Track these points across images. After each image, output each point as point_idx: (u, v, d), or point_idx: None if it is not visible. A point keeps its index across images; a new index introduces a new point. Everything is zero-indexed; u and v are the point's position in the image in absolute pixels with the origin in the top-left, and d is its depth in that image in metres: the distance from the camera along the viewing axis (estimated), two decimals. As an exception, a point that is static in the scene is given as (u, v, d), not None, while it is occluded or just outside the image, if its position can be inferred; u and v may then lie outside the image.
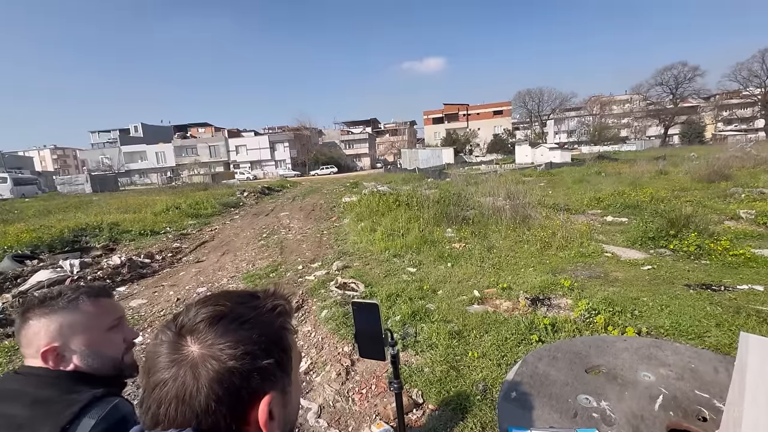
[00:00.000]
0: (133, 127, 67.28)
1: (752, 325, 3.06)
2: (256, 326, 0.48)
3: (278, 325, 0.51)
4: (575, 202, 10.66)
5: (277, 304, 0.53)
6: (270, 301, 0.53)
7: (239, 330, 0.47)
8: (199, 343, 0.46)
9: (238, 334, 0.46)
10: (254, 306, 0.51)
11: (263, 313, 0.51)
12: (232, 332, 0.46)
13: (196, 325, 0.47)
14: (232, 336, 0.46)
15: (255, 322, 0.49)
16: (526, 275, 4.85)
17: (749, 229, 6.63)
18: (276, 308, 0.52)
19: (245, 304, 0.51)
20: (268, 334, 0.49)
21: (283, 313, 0.53)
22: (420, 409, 2.51)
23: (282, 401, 0.50)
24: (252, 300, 0.52)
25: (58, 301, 0.88)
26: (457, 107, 70.05)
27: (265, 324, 0.50)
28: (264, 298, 0.54)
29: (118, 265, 6.71)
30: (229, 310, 0.48)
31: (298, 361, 0.57)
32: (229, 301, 0.50)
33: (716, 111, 60.71)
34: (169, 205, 14.05)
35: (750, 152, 17.49)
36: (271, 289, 0.57)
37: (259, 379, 0.46)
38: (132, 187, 41.60)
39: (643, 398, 1.23)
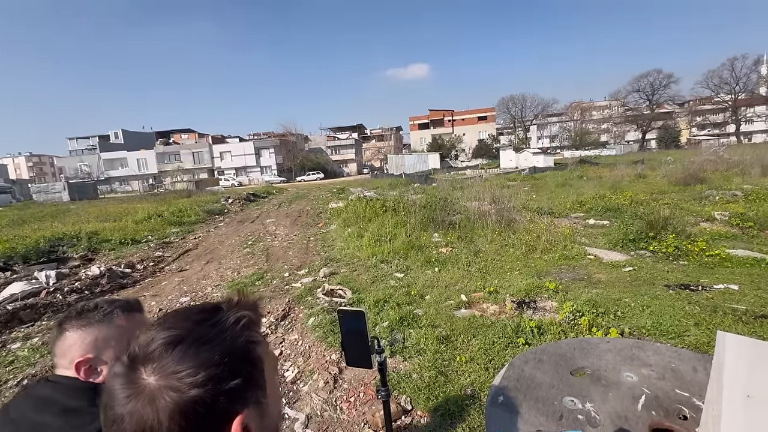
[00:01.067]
0: (113, 134, 65.63)
1: (728, 324, 3.16)
2: (219, 345, 0.45)
3: (244, 339, 0.48)
4: (558, 205, 10.86)
5: (241, 317, 0.49)
6: (233, 314, 0.49)
7: (199, 353, 0.43)
8: (156, 374, 0.42)
9: (198, 358, 0.43)
10: (215, 322, 0.47)
11: (226, 329, 0.47)
12: (191, 357, 0.43)
13: (150, 354, 0.43)
14: (191, 361, 0.42)
15: (217, 341, 0.45)
16: (512, 279, 4.90)
17: (723, 230, 6.87)
18: (240, 321, 0.48)
19: (205, 323, 0.47)
20: (233, 352, 0.45)
21: (248, 326, 0.49)
22: (409, 416, 2.49)
23: (258, 413, 0.47)
24: (213, 315, 0.48)
25: (94, 314, 0.91)
26: (442, 113, 70.80)
27: (229, 341, 0.46)
28: (227, 310, 0.50)
29: (97, 276, 6.51)
30: (186, 332, 0.45)
31: (274, 367, 0.55)
32: (186, 320, 0.47)
33: (690, 116, 63.03)
34: (150, 213, 13.74)
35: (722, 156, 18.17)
36: (234, 298, 0.53)
37: (227, 401, 0.43)
38: (112, 195, 40.52)
39: (626, 399, 1.25)
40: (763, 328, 3.06)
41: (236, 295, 0.54)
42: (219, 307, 0.50)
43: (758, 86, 52.34)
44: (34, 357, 3.83)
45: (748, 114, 55.54)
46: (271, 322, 4.18)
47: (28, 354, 3.93)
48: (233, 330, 0.47)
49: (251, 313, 0.51)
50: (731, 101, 53.47)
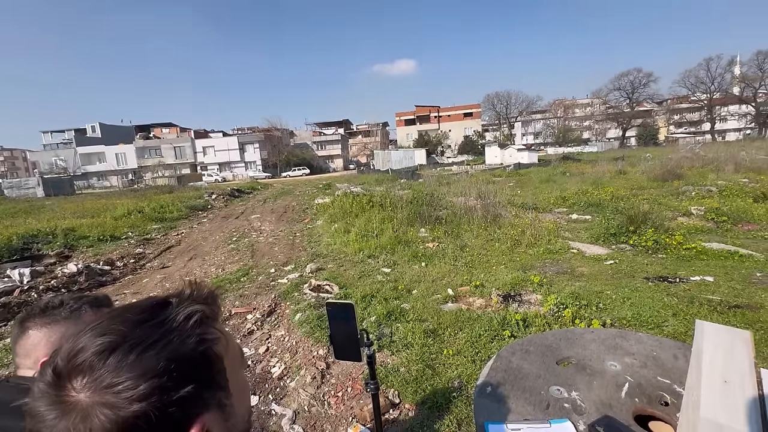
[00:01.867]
0: (90, 127, 63.46)
1: (705, 314, 3.27)
2: (164, 349, 0.38)
3: (196, 339, 0.41)
4: (542, 201, 11.05)
5: (192, 312, 0.43)
6: (183, 310, 0.43)
7: (140, 361, 0.37)
8: (87, 389, 0.36)
9: (139, 367, 0.36)
10: (160, 322, 0.41)
11: (173, 329, 0.41)
12: (130, 366, 0.36)
13: (79, 366, 0.36)
14: (130, 371, 0.36)
15: (161, 344, 0.39)
16: (498, 273, 4.96)
17: (699, 225, 7.11)
18: (191, 317, 0.42)
19: (148, 323, 0.40)
20: (183, 355, 0.39)
21: (201, 322, 0.43)
22: (397, 409, 2.50)
23: (221, 416, 0.43)
24: (159, 313, 0.42)
25: (60, 311, 0.85)
26: (428, 109, 70.97)
27: (177, 343, 0.40)
28: (177, 305, 0.44)
29: (74, 273, 6.30)
30: (122, 337, 0.38)
31: (238, 362, 0.50)
32: (123, 323, 0.40)
33: (668, 115, 64.94)
34: (130, 209, 13.36)
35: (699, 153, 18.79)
36: (186, 291, 0.47)
37: (179, 411, 0.38)
38: (90, 191, 39.23)
39: (610, 387, 1.28)
40: (736, 318, 3.18)
41: (188, 287, 0.48)
42: (167, 303, 0.44)
43: (732, 86, 54.20)
44: (7, 357, 3.69)
45: (722, 113, 57.55)
46: (257, 318, 4.13)
47: (0, 355, 3.78)
48: (182, 329, 0.41)
49: (205, 306, 0.45)
50: (707, 100, 55.29)
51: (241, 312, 4.36)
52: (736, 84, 53.59)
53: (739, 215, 7.39)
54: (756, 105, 51.85)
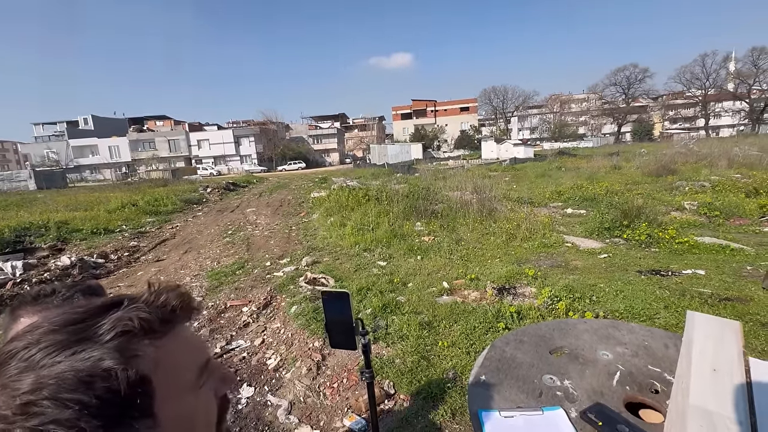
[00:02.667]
0: (83, 119, 62.51)
1: (695, 306, 3.32)
2: (63, 361, 0.34)
3: (104, 352, 0.36)
4: (538, 195, 11.10)
5: (118, 321, 0.38)
6: (113, 317, 0.38)
7: (38, 368, 0.34)
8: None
9: (34, 375, 0.33)
10: (84, 327, 0.37)
11: (87, 338, 0.36)
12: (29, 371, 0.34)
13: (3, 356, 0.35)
14: (28, 377, 0.33)
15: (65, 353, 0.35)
16: (493, 266, 4.99)
17: (692, 219, 7.19)
18: (115, 328, 0.37)
19: (73, 326, 0.37)
20: (77, 369, 0.34)
21: (123, 334, 0.37)
22: (392, 400, 2.53)
23: None
24: (95, 316, 0.38)
25: (52, 299, 0.84)
26: (425, 103, 70.72)
27: (80, 354, 0.35)
28: (122, 308, 0.40)
29: (67, 266, 6.26)
30: (38, 338, 0.36)
31: (187, 384, 0.43)
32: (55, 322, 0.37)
33: (663, 110, 65.15)
34: (124, 202, 13.25)
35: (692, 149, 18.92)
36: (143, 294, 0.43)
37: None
38: (83, 184, 38.83)
39: (602, 375, 1.30)
40: (727, 310, 3.23)
41: (148, 290, 0.44)
42: (117, 304, 0.40)
43: (726, 82, 54.47)
44: None
45: (716, 109, 57.90)
46: (252, 311, 4.13)
47: (-6, 347, 3.75)
48: (98, 339, 0.36)
49: (141, 314, 0.40)
50: (701, 96, 55.54)
51: (236, 304, 4.36)
52: (730, 80, 53.83)
53: (731, 210, 7.47)
54: (750, 101, 52.15)
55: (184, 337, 0.45)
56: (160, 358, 0.40)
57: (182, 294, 0.45)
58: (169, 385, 0.40)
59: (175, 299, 0.44)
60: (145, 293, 0.43)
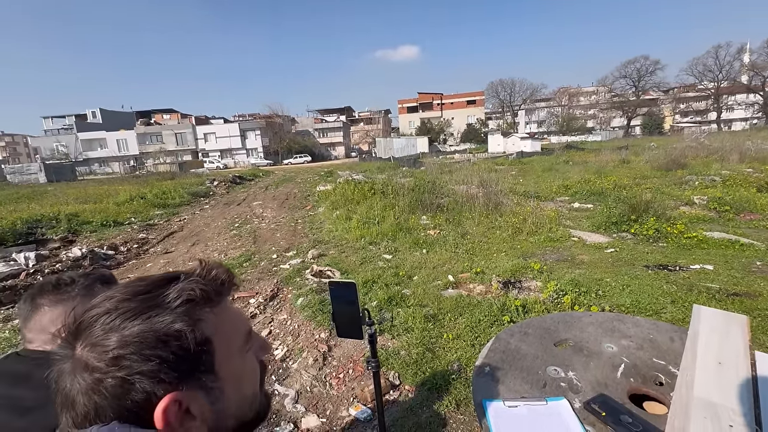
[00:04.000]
0: (91, 113, 63.00)
1: (703, 301, 3.29)
2: (141, 323, 0.41)
3: (175, 317, 0.42)
4: (544, 189, 11.02)
5: (182, 291, 0.44)
6: (176, 288, 0.44)
7: (121, 329, 0.40)
8: (83, 344, 0.40)
9: (118, 335, 0.40)
10: (153, 296, 0.43)
11: (159, 304, 0.43)
12: (113, 332, 0.40)
13: (81, 324, 0.41)
14: (113, 337, 0.40)
15: (142, 317, 0.41)
16: (498, 260, 4.99)
17: (702, 214, 7.09)
18: (180, 296, 0.44)
19: (143, 295, 0.43)
20: (154, 330, 0.41)
21: (188, 301, 0.44)
22: (397, 390, 2.56)
23: (206, 397, 0.44)
24: (159, 288, 0.44)
25: (73, 287, 0.88)
26: (431, 96, 70.15)
27: (156, 318, 0.41)
28: (181, 281, 0.46)
29: (78, 258, 6.37)
30: (115, 305, 0.41)
31: (237, 346, 0.50)
32: (126, 292, 0.43)
33: (674, 103, 63.95)
34: (133, 195, 13.40)
35: (703, 143, 18.60)
36: (196, 270, 0.49)
37: (143, 384, 0.39)
38: (91, 177, 39.29)
39: (606, 367, 1.30)
40: (734, 305, 3.21)
41: (200, 265, 0.50)
42: (174, 279, 0.46)
43: (740, 74, 53.22)
44: (15, 338, 3.76)
45: (729, 102, 56.69)
46: (259, 303, 4.19)
47: (9, 335, 3.86)
48: (168, 306, 0.43)
49: (198, 286, 0.46)
50: (714, 89, 54.39)
51: (244, 296, 4.42)
52: (744, 72, 52.58)
53: (741, 205, 7.36)
54: (764, 94, 50.93)
55: (231, 307, 0.51)
56: (218, 323, 0.46)
57: (228, 270, 0.51)
58: (226, 347, 0.47)
59: (223, 274, 0.50)
60: (197, 268, 0.49)
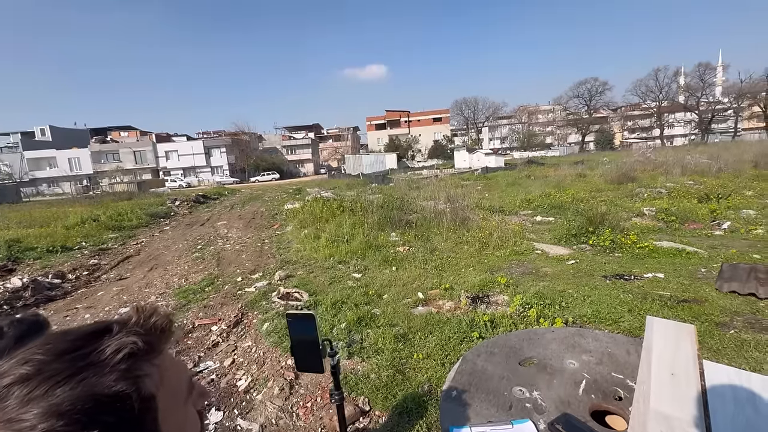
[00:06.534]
0: (40, 130, 59.06)
1: (656, 309, 3.47)
2: (74, 387, 0.35)
3: (117, 376, 0.38)
4: (509, 203, 11.40)
5: (122, 345, 0.39)
6: (115, 341, 0.40)
7: (46, 397, 0.34)
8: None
9: (43, 405, 0.34)
10: (85, 354, 0.38)
11: (94, 362, 0.38)
12: (35, 402, 0.34)
13: None
14: (35, 407, 0.34)
15: (76, 380, 0.36)
16: (467, 275, 5.06)
17: (651, 224, 7.58)
18: (120, 351, 0.39)
19: (71, 354, 0.38)
20: (92, 394, 0.36)
21: (129, 356, 0.39)
22: (367, 417, 2.48)
23: None
24: (89, 343, 0.39)
25: None
26: (399, 113, 71.64)
27: (93, 380, 0.37)
28: (114, 334, 0.41)
29: (18, 288, 5.82)
30: (36, 369, 0.36)
31: (181, 398, 0.47)
32: (48, 351, 0.37)
33: (622, 121, 69.11)
34: (84, 217, 12.54)
35: (650, 157, 20.07)
36: (132, 317, 0.44)
37: None
38: (39, 198, 36.56)
39: (568, 384, 1.32)
40: (684, 311, 3.40)
41: (136, 313, 0.45)
42: (106, 331, 0.41)
43: (678, 95, 58.51)
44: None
45: (670, 119, 62.00)
46: (222, 330, 3.98)
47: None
48: (105, 364, 0.38)
49: (140, 338, 0.42)
50: (656, 108, 59.35)
51: (205, 323, 4.19)
52: (681, 93, 57.88)
53: (685, 215, 7.95)
54: (699, 112, 56.19)
55: (172, 356, 0.48)
56: (161, 377, 0.43)
57: (167, 315, 0.47)
58: (169, 400, 0.44)
59: (163, 321, 0.46)
60: (133, 316, 0.45)
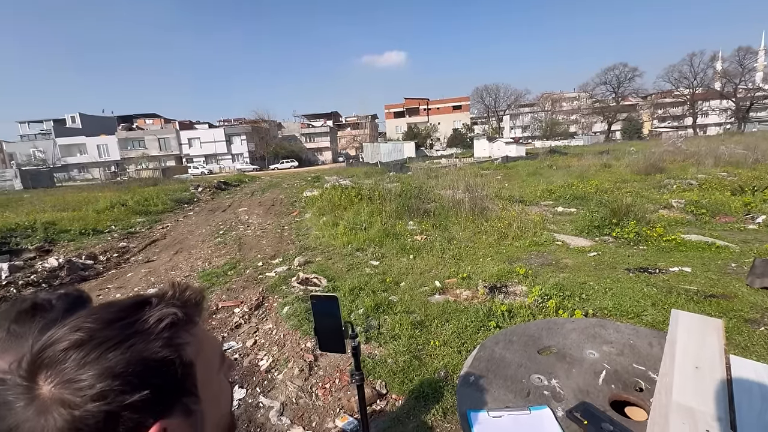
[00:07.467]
0: (70, 118, 61.41)
1: (681, 303, 3.38)
2: (126, 351, 0.39)
3: (162, 342, 0.41)
4: (529, 194, 11.19)
5: (164, 315, 0.43)
6: (156, 312, 0.43)
7: (101, 360, 0.37)
8: (51, 382, 0.37)
9: (98, 367, 0.37)
10: (130, 323, 0.41)
11: (140, 331, 0.41)
12: (91, 365, 0.37)
13: (47, 358, 0.38)
14: (91, 369, 0.37)
15: (124, 345, 0.39)
16: (485, 265, 5.03)
17: (679, 217, 7.31)
18: (162, 320, 0.42)
19: (118, 323, 0.41)
20: (143, 358, 0.39)
21: (172, 326, 0.43)
22: (384, 400, 2.54)
23: (188, 421, 0.43)
24: (132, 314, 0.42)
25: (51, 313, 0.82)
26: (417, 101, 70.76)
27: (140, 346, 0.40)
28: (154, 306, 0.44)
29: (55, 268, 6.16)
30: (89, 335, 0.38)
31: (215, 367, 0.50)
32: (97, 320, 0.40)
33: (652, 109, 66.07)
34: (113, 202, 13.07)
35: (680, 147, 19.24)
36: (168, 292, 0.47)
37: (133, 414, 0.38)
38: (70, 183, 38.21)
39: (588, 374, 1.32)
40: (711, 307, 3.30)
41: (171, 287, 0.48)
42: (146, 303, 0.44)
43: (713, 81, 55.38)
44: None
45: (704, 107, 58.90)
46: (244, 312, 4.11)
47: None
48: (150, 331, 0.41)
49: (179, 310, 0.45)
50: (689, 95, 56.41)
51: (228, 306, 4.34)
52: (717, 79, 54.75)
53: (717, 208, 7.62)
54: (736, 100, 53.10)
55: (204, 328, 0.50)
56: (198, 346, 0.46)
57: (200, 290, 0.51)
58: (205, 368, 0.47)
59: (196, 296, 0.49)
60: (169, 290, 0.48)
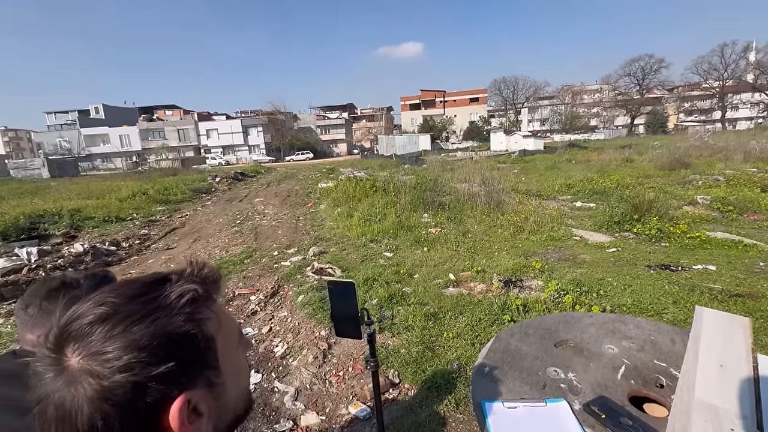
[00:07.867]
0: (94, 109, 63.15)
1: (705, 302, 3.28)
2: (150, 325, 0.40)
3: (185, 317, 0.42)
4: (547, 188, 10.97)
5: (185, 291, 0.44)
6: (177, 288, 0.44)
7: (127, 333, 0.39)
8: (79, 354, 0.38)
9: (125, 340, 0.38)
10: (152, 298, 0.42)
11: (163, 305, 0.42)
12: (117, 338, 0.38)
13: (74, 332, 0.39)
14: (117, 342, 0.38)
15: (149, 320, 0.40)
16: (500, 258, 4.98)
17: (705, 214, 7.06)
18: (183, 296, 0.43)
19: (141, 298, 0.42)
20: (167, 332, 0.41)
21: (193, 301, 0.44)
22: (396, 389, 2.56)
23: (211, 394, 0.45)
24: (154, 289, 0.43)
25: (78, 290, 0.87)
26: (434, 93, 69.91)
27: (164, 320, 0.41)
28: (174, 282, 0.45)
29: (80, 253, 6.39)
30: (113, 310, 0.40)
31: (234, 342, 0.51)
32: (120, 295, 0.42)
33: (679, 102, 63.50)
34: (135, 191, 13.44)
35: (708, 142, 18.49)
36: (187, 269, 0.48)
37: (159, 385, 0.39)
38: (94, 172, 39.45)
39: (606, 369, 1.29)
40: (737, 306, 3.19)
41: (190, 265, 0.49)
42: (166, 279, 0.46)
43: (746, 73, 52.77)
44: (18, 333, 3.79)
45: (734, 101, 56.26)
46: (260, 300, 4.19)
47: (11, 330, 3.88)
48: (172, 306, 0.42)
49: (201, 286, 0.46)
50: (719, 88, 53.95)
51: (244, 293, 4.43)
52: (750, 71, 52.11)
53: (745, 205, 7.31)
54: (769, 93, 50.58)
55: (222, 306, 0.51)
56: (218, 322, 0.47)
57: (217, 268, 0.51)
58: (225, 344, 0.48)
59: (213, 272, 0.50)
60: (188, 268, 0.49)
